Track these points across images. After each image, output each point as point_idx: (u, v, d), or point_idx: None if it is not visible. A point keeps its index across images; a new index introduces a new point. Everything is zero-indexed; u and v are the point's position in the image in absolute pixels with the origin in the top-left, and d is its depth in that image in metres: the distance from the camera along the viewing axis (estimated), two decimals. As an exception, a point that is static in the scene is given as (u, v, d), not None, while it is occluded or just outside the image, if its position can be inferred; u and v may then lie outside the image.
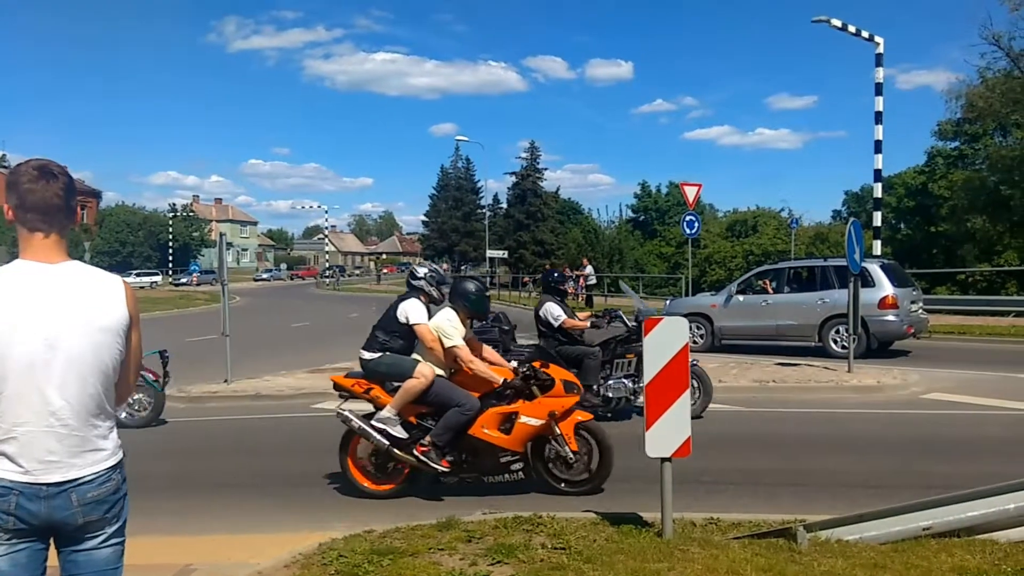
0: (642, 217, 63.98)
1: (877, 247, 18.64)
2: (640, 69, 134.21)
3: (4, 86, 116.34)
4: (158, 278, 60.37)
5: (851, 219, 13.01)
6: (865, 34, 18.75)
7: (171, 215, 76.55)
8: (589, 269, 31.54)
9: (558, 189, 63.75)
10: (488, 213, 54.74)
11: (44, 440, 2.06)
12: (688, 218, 22.09)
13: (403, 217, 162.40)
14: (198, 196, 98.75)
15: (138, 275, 58.73)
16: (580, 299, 30.53)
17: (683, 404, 4.64)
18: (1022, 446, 7.47)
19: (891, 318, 13.65)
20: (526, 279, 42.53)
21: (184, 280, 61.37)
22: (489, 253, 45.18)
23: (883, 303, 13.57)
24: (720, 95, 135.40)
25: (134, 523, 2.33)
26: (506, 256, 50.55)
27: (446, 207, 63.73)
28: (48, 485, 2.05)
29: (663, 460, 4.67)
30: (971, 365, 12.58)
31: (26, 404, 2.05)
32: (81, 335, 2.10)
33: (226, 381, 11.56)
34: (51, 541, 2.16)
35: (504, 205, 61.88)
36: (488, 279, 44.72)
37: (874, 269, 13.85)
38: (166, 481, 6.52)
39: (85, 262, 2.28)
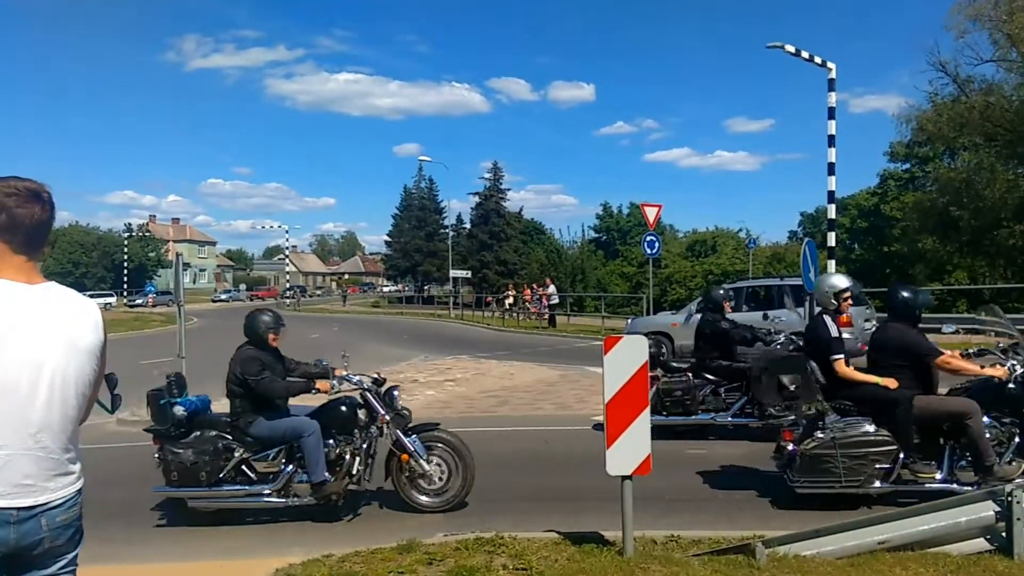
0: (604, 237, 64.59)
1: (832, 267, 18.97)
2: (602, 92, 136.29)
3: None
4: (112, 300, 58.92)
5: (806, 239, 13.27)
6: (818, 60, 19.20)
7: (127, 235, 75.07)
8: (552, 289, 31.66)
9: (521, 209, 64.04)
10: (451, 233, 54.58)
11: (22, 463, 2.02)
12: (649, 238, 22.35)
13: (366, 237, 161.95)
14: (155, 216, 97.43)
15: (92, 296, 57.19)
16: (543, 318, 30.64)
17: (643, 422, 4.67)
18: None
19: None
20: (489, 299, 42.52)
21: (139, 301, 59.98)
22: (452, 273, 45.03)
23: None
24: (680, 118, 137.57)
25: (84, 551, 2.27)
26: (469, 276, 50.45)
27: (409, 227, 63.45)
28: (19, 509, 2.00)
29: (624, 478, 4.68)
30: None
31: (7, 426, 2.00)
32: (64, 356, 2.09)
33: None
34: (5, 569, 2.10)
35: (467, 225, 61.88)
36: (452, 299, 44.65)
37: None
38: (117, 508, 6.33)
39: None
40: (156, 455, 6.08)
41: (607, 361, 4.69)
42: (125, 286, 66.28)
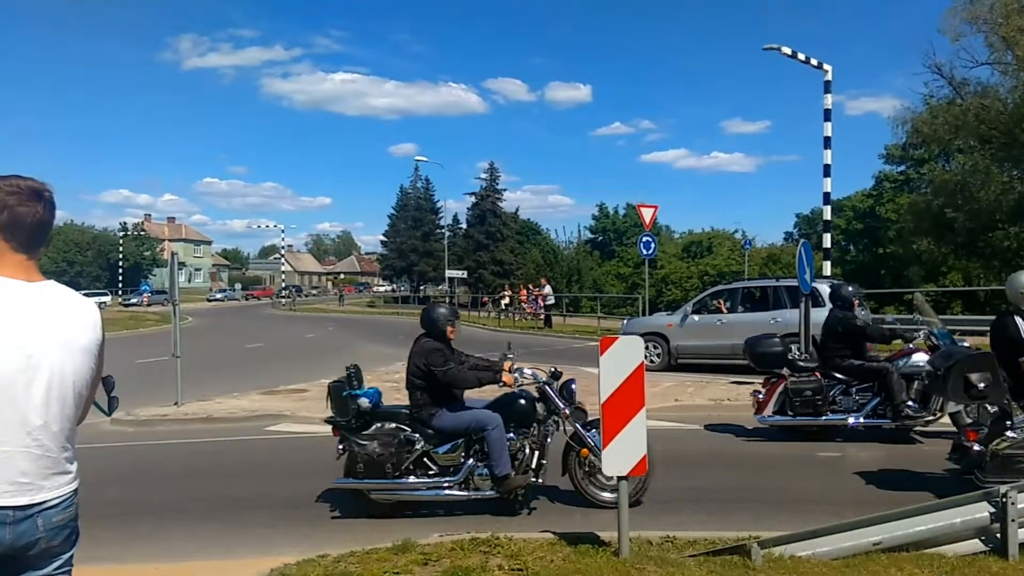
0: (600, 238, 64.72)
1: (827, 268, 19.06)
2: (598, 92, 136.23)
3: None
4: (107, 299, 58.66)
5: (802, 241, 13.30)
6: (814, 62, 19.27)
7: (122, 234, 74.88)
8: (548, 289, 31.68)
9: (517, 210, 64.11)
10: (447, 233, 54.53)
11: (19, 461, 2.01)
12: (645, 239, 22.37)
13: (362, 237, 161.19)
14: (150, 215, 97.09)
15: (87, 295, 57.05)
16: (539, 319, 30.65)
17: (639, 422, 4.67)
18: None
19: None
20: (484, 299, 42.53)
21: (134, 301, 59.85)
22: (448, 273, 45.07)
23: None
24: (676, 119, 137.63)
25: (80, 551, 2.25)
26: (465, 276, 50.48)
27: (405, 227, 63.44)
28: (15, 508, 1.99)
29: (620, 478, 4.68)
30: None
31: (5, 424, 2.00)
32: (62, 355, 2.09)
33: (176, 404, 11.29)
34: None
35: (463, 225, 61.92)
36: (447, 299, 44.63)
37: (824, 289, 14.15)
38: (113, 508, 6.31)
39: None
40: (339, 446, 6.10)
41: (603, 361, 4.69)
42: (120, 285, 66.12)
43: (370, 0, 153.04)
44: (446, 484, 6.00)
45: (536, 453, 6.05)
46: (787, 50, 18.94)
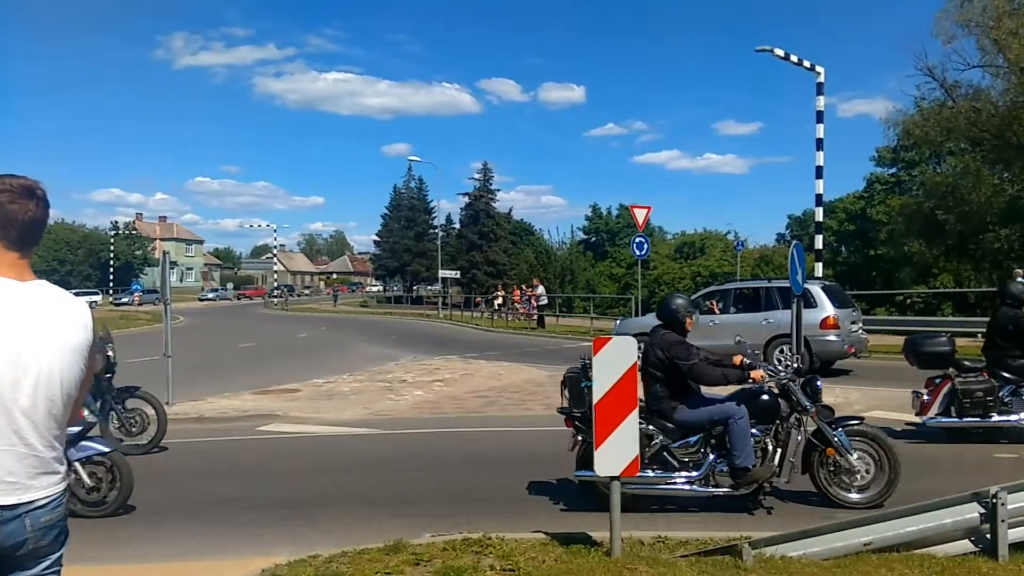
0: (593, 239, 64.71)
1: (819, 269, 19.15)
2: (592, 93, 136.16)
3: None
4: (98, 298, 58.43)
5: (794, 242, 13.34)
6: (807, 64, 19.36)
7: (113, 233, 74.57)
8: (541, 289, 31.67)
9: (511, 210, 64.04)
10: (441, 233, 54.47)
11: (6, 460, 2.00)
12: (638, 240, 22.42)
13: (355, 237, 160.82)
14: (141, 214, 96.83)
15: (77, 295, 56.60)
16: (532, 319, 30.66)
17: (631, 423, 4.67)
18: (957, 462, 7.70)
19: (832, 338, 13.99)
20: (478, 299, 42.48)
21: (125, 300, 59.59)
22: (441, 273, 45.02)
23: (824, 323, 13.92)
24: (669, 120, 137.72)
25: (70, 551, 2.24)
26: (458, 276, 50.45)
27: (398, 227, 63.36)
28: (3, 508, 1.98)
29: (612, 479, 4.69)
30: (910, 384, 12.87)
31: None
32: (51, 354, 2.08)
33: (167, 403, 11.22)
34: None
35: (457, 225, 61.84)
36: (441, 299, 44.60)
37: (816, 290, 14.21)
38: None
39: None
40: (578, 437, 5.99)
41: (596, 362, 4.70)
42: (111, 284, 65.86)
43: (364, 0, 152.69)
44: (687, 480, 5.88)
45: (779, 450, 5.88)
46: (780, 52, 19.02)
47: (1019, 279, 20.86)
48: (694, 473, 5.89)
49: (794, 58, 19.21)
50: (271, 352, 22.47)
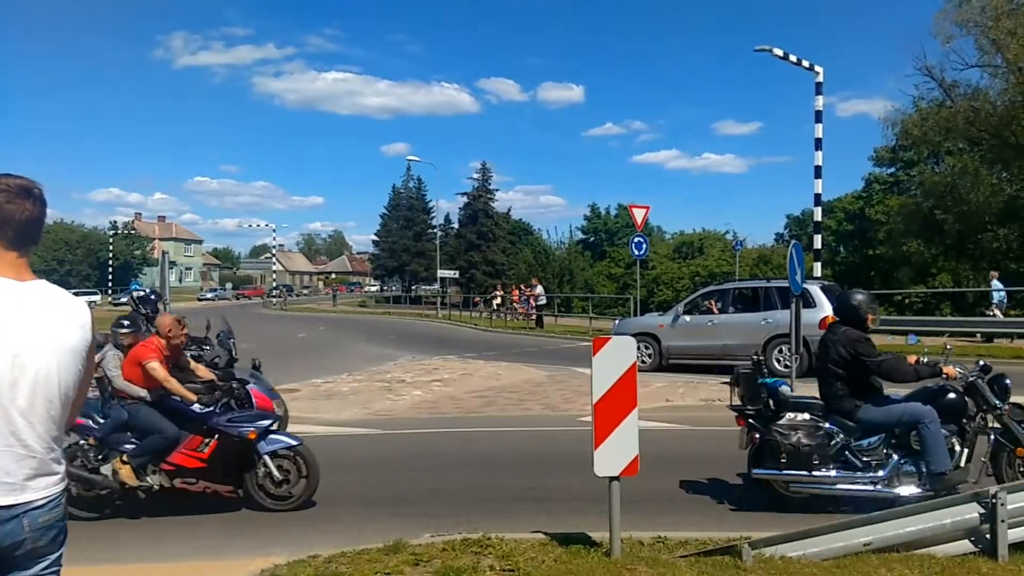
0: (592, 238, 64.71)
1: (818, 269, 19.15)
2: (591, 93, 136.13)
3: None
4: (97, 298, 58.39)
5: (793, 242, 13.34)
6: (805, 63, 19.36)
7: (112, 233, 74.52)
8: (539, 289, 31.66)
9: (509, 210, 64.12)
10: (439, 233, 54.48)
11: (3, 461, 2.00)
12: (636, 239, 22.42)
13: (354, 236, 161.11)
14: (140, 214, 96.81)
15: (76, 295, 56.62)
16: (531, 318, 30.65)
17: (631, 423, 4.66)
18: None
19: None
20: (476, 299, 42.46)
21: (124, 300, 59.47)
22: (440, 273, 45.03)
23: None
24: (668, 120, 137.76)
25: (70, 552, 2.24)
26: (457, 276, 50.48)
27: (397, 227, 63.39)
28: (1, 508, 1.99)
29: (611, 479, 4.68)
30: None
31: None
32: (49, 355, 2.07)
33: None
34: None
35: (455, 225, 61.90)
36: (439, 299, 44.57)
37: (815, 290, 14.21)
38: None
39: None
40: (754, 435, 5.97)
41: (596, 362, 4.69)
42: (110, 284, 65.78)
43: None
44: (870, 480, 5.76)
45: (966, 451, 5.75)
46: (778, 51, 19.02)
47: (993, 282, 20.87)
48: (879, 474, 5.75)
49: (793, 58, 19.21)
50: (269, 352, 22.35)
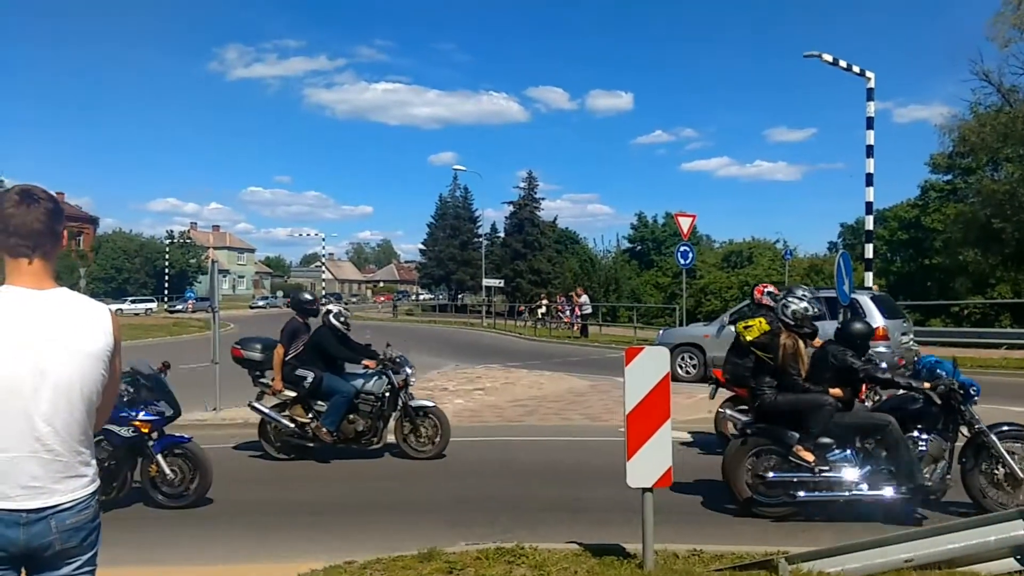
0: (639, 247, 64.28)
1: (869, 279, 18.69)
2: (640, 100, 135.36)
3: (4, 111, 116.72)
4: (153, 305, 60.16)
5: (841, 251, 13.09)
6: (856, 69, 18.97)
7: (168, 241, 76.68)
8: (585, 298, 31.55)
9: (555, 218, 64.07)
10: (485, 242, 54.66)
11: (28, 465, 2.06)
12: (682, 248, 22.21)
13: (401, 245, 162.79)
14: (196, 223, 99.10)
15: (133, 302, 58.76)
16: (576, 328, 30.55)
17: (664, 434, 4.64)
18: None
19: (882, 349, 13.64)
20: (521, 308, 42.49)
21: (179, 307, 61.10)
22: (486, 282, 45.21)
23: (874, 335, 13.59)
24: (718, 127, 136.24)
25: (105, 554, 2.31)
26: (502, 285, 50.56)
27: (444, 236, 63.84)
28: (28, 511, 2.05)
29: (644, 490, 4.66)
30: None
31: (11, 429, 2.05)
32: (68, 361, 2.12)
33: (215, 409, 11.50)
34: (22, 569, 2.14)
35: (501, 234, 62.09)
36: (484, 308, 44.72)
37: (865, 301, 13.89)
38: (142, 511, 6.48)
39: (80, 289, 2.31)
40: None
41: (628, 372, 4.68)
42: (166, 292, 67.67)
43: (413, 10, 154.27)
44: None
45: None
46: (828, 57, 18.67)
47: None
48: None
49: (843, 63, 18.82)
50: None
